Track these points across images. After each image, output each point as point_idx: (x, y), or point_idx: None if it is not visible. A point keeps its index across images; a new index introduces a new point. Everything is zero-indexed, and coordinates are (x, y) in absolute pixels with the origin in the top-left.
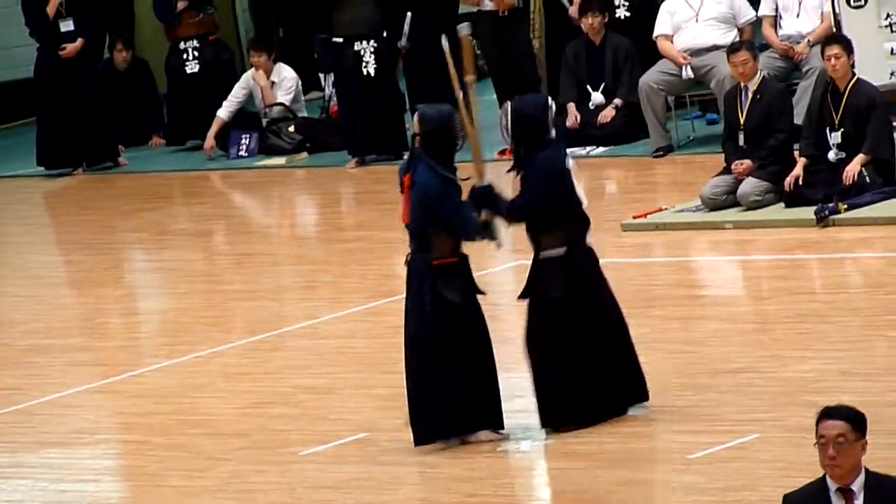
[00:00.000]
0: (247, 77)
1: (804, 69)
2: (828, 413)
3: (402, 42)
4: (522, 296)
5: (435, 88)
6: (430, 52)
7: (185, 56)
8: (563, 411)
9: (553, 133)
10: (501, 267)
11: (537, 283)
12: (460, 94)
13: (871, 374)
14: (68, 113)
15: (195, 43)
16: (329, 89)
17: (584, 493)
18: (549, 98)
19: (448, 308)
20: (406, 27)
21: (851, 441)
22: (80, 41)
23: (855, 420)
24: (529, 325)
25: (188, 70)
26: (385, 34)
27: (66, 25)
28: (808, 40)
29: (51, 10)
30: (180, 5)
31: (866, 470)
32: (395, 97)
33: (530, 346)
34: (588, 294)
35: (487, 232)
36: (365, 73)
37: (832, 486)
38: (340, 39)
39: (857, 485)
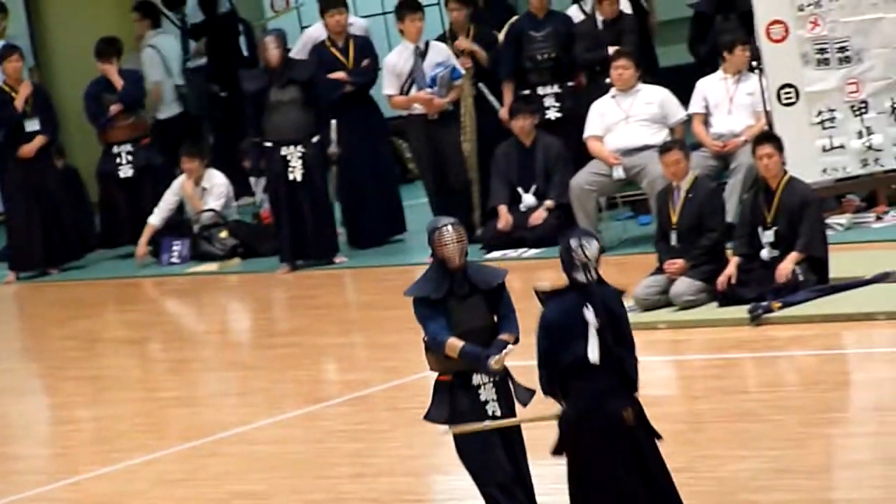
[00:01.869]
0: (178, 183)
1: (732, 166)
2: None
3: (332, 148)
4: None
5: (367, 191)
6: (361, 155)
7: (118, 160)
8: None
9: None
10: None
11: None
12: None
13: (808, 472)
14: (37, 214)
15: (129, 147)
16: (260, 194)
17: None
18: (575, 239)
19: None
20: (333, 133)
21: None
22: (41, 138)
23: None
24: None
25: (122, 175)
26: (314, 140)
27: (32, 125)
28: (745, 139)
29: (19, 103)
30: (114, 109)
31: None
32: (323, 202)
33: None
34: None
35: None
36: (292, 178)
37: None
38: (269, 144)
39: None
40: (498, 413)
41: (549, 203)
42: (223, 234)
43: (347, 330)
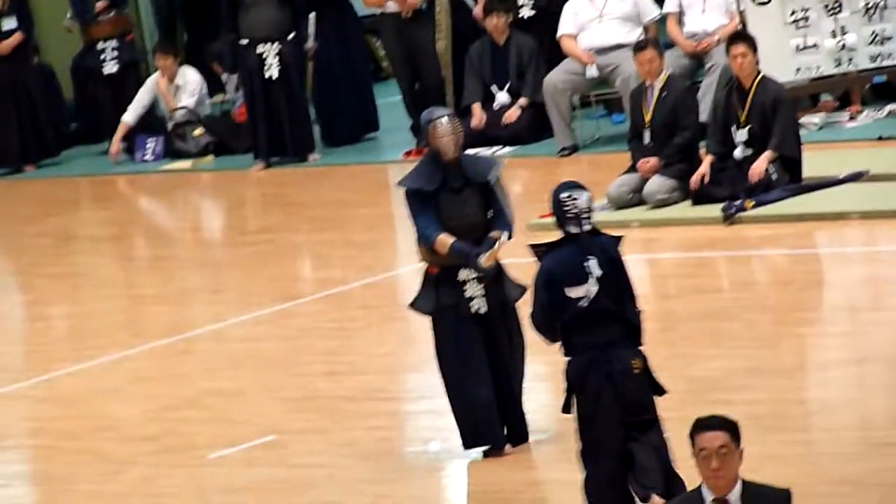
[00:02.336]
0: (152, 81)
1: (707, 65)
2: (705, 425)
3: (309, 43)
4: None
5: (341, 89)
6: (334, 53)
7: (102, 57)
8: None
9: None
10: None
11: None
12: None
13: (779, 371)
14: (13, 111)
15: (114, 43)
16: (232, 93)
17: (494, 493)
18: (565, 192)
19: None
20: (311, 28)
21: (732, 450)
22: (17, 35)
23: (733, 429)
24: None
25: (105, 71)
26: (290, 37)
27: (9, 24)
28: (718, 38)
29: None
30: (99, 5)
31: (742, 480)
32: (299, 100)
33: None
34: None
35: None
36: (268, 76)
37: (708, 496)
38: (245, 41)
39: (735, 494)
40: (483, 310)
41: (522, 101)
42: (197, 131)
43: (321, 227)
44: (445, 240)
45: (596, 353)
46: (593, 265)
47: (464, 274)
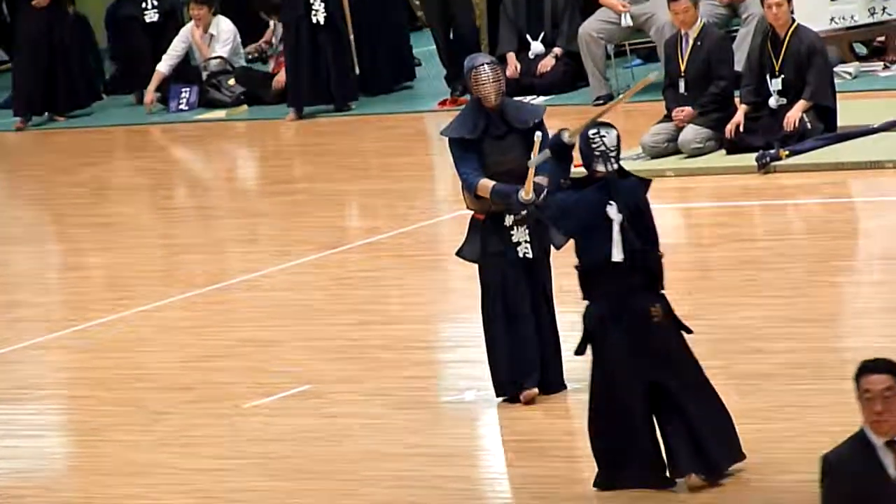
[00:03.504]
0: (186, 30)
1: (743, 16)
2: (871, 367)
3: None
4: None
5: (377, 38)
6: (369, 5)
7: (143, 5)
8: None
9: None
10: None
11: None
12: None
13: (816, 319)
14: (45, 61)
15: None
16: (276, 39)
17: (529, 443)
18: (594, 129)
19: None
20: None
21: None
22: None
23: None
24: None
25: (147, 19)
26: None
27: None
28: None
29: None
30: None
31: None
32: (346, 46)
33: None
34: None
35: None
36: (315, 20)
37: (878, 441)
38: None
39: None
40: (530, 255)
41: (557, 50)
42: (231, 81)
43: (356, 177)
44: (487, 184)
45: (614, 301)
46: (613, 213)
47: (510, 219)
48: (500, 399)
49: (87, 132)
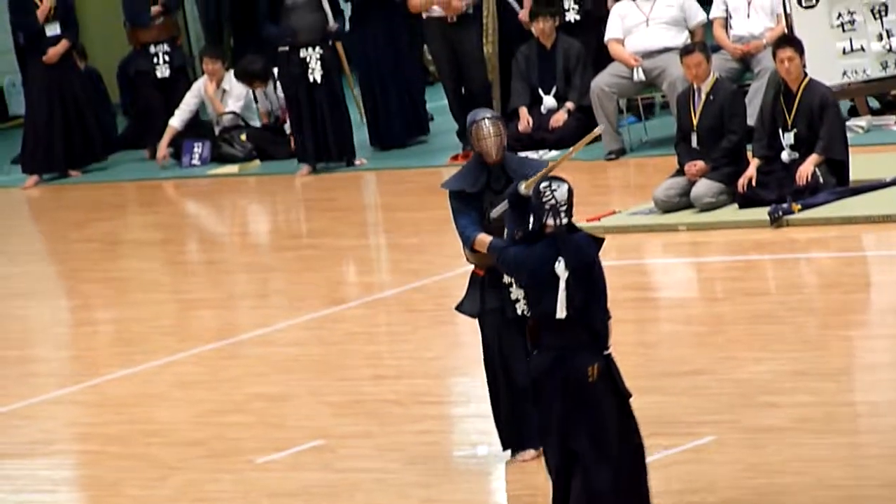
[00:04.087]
0: (199, 85)
1: (756, 70)
2: None
3: (331, 24)
4: None
5: (390, 92)
6: (383, 55)
7: (155, 60)
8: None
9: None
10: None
11: None
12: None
13: (827, 374)
14: (59, 116)
15: (166, 47)
16: (277, 99)
17: (540, 497)
18: (545, 182)
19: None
20: (326, 7)
21: None
22: (64, 42)
23: None
24: None
25: (159, 74)
26: (331, 42)
27: (53, 29)
28: (765, 42)
29: (41, 14)
30: (155, 9)
31: None
32: (341, 103)
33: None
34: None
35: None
36: (311, 79)
37: None
38: (287, 48)
39: None
40: (528, 312)
41: (569, 105)
42: (243, 136)
43: (367, 232)
44: (484, 239)
45: (556, 355)
46: (560, 268)
47: (508, 277)
48: (509, 453)
49: (100, 187)
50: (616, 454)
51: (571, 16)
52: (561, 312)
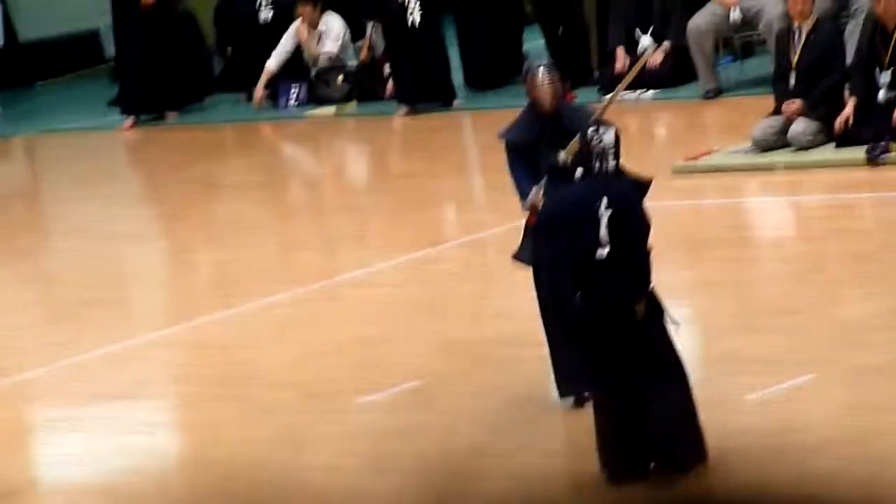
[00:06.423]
0: (294, 28)
1: (851, 9)
2: None
3: None
4: None
5: (486, 32)
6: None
7: (258, 3)
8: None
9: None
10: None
11: None
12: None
13: None
14: (155, 58)
15: None
16: (375, 38)
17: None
18: (592, 128)
19: None
20: None
21: None
22: None
23: None
24: None
25: (261, 17)
26: None
27: None
28: None
29: None
30: None
31: None
32: (441, 45)
33: None
34: None
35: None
36: (410, 22)
37: None
38: None
39: None
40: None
41: (666, 45)
42: (340, 77)
43: (465, 172)
44: (536, 202)
45: (600, 298)
46: (603, 209)
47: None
48: (560, 398)
49: (197, 129)
50: (683, 371)
51: None
52: (602, 250)
